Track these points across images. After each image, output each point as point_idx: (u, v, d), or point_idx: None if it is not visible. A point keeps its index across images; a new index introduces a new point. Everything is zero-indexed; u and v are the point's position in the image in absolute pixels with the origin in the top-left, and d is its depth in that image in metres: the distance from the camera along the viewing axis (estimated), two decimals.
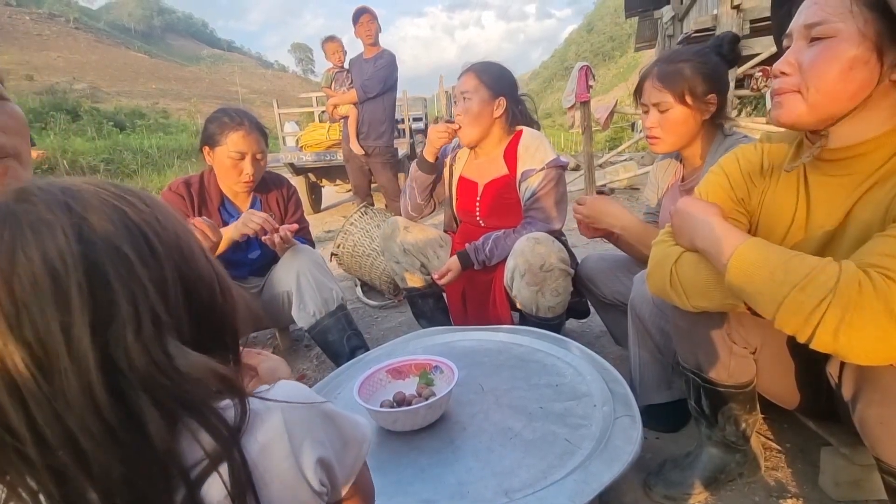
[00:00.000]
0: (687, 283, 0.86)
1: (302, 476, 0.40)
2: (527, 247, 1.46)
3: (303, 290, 1.59)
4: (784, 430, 1.19)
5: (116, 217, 0.37)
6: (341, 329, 1.63)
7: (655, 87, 1.21)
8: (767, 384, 0.99)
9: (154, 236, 0.38)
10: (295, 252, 1.63)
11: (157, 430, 0.35)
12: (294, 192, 1.88)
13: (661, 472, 1.07)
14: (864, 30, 0.68)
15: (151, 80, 45.94)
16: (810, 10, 0.72)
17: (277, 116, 5.94)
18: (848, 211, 0.77)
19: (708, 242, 0.80)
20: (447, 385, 1.04)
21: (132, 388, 0.35)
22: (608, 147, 12.15)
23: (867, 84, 0.70)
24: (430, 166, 1.73)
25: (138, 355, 0.35)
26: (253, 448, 0.38)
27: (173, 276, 0.38)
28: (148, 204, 0.41)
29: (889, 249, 0.64)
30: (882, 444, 0.72)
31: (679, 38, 6.82)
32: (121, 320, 0.35)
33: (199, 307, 0.40)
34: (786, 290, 0.66)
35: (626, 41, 70.66)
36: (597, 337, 1.86)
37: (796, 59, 0.74)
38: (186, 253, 0.41)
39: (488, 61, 1.67)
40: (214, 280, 0.43)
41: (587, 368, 1.14)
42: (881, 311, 0.61)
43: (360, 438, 0.48)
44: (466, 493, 0.82)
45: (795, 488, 1.03)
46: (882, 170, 0.73)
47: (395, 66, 3.54)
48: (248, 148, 1.60)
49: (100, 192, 0.39)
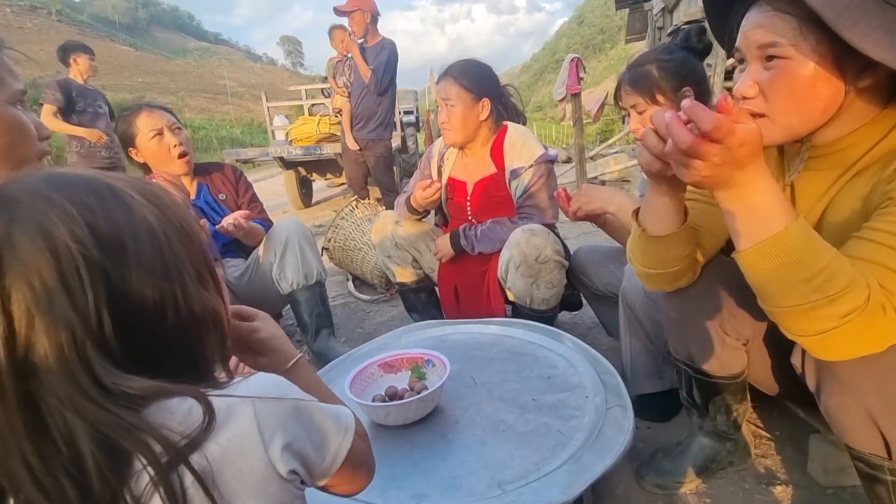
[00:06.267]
0: (634, 249, 0.89)
1: (272, 467, 0.40)
2: (522, 238, 1.45)
3: (286, 260, 1.63)
4: (773, 418, 1.20)
5: (43, 236, 0.36)
6: (313, 304, 1.70)
7: (627, 91, 1.25)
8: (752, 372, 1.00)
9: (86, 259, 0.36)
10: (284, 223, 1.67)
11: (94, 460, 0.35)
12: (241, 174, 1.89)
13: (653, 462, 1.08)
14: (817, 48, 0.66)
15: (137, 73, 45.22)
16: (758, 33, 0.70)
17: (266, 110, 5.88)
18: (829, 203, 0.77)
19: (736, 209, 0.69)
20: (439, 379, 1.04)
21: (62, 413, 0.35)
22: (599, 139, 12.18)
23: (836, 98, 0.69)
24: (418, 214, 1.74)
25: (63, 385, 0.35)
26: (215, 450, 0.38)
27: (104, 302, 0.37)
28: (110, 217, 0.39)
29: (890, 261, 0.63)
30: (848, 432, 0.73)
31: (669, 29, 6.82)
32: (41, 352, 0.35)
33: (146, 331, 0.39)
34: (817, 296, 0.61)
35: (617, 33, 70.67)
36: (589, 328, 1.87)
37: (755, 80, 0.72)
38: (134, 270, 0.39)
39: (466, 61, 1.64)
40: (174, 303, 0.41)
41: (579, 360, 1.15)
42: (880, 335, 0.62)
43: (343, 429, 0.48)
44: (459, 486, 0.82)
45: (785, 475, 1.04)
46: (860, 162, 0.73)
47: (397, 56, 3.47)
48: (158, 122, 1.63)
49: (42, 197, 0.37)
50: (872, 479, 0.73)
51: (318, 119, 5.19)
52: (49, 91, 3.28)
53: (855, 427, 0.72)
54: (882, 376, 0.67)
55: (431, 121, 7.86)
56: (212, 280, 0.46)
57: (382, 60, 3.38)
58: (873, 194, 0.70)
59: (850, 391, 0.70)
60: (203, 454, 0.37)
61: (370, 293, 2.53)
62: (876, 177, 0.70)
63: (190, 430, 0.37)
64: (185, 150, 1.67)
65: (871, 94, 0.69)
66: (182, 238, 0.43)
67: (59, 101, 3.29)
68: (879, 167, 0.70)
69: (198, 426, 0.37)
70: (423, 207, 1.67)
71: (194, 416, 0.38)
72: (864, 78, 0.67)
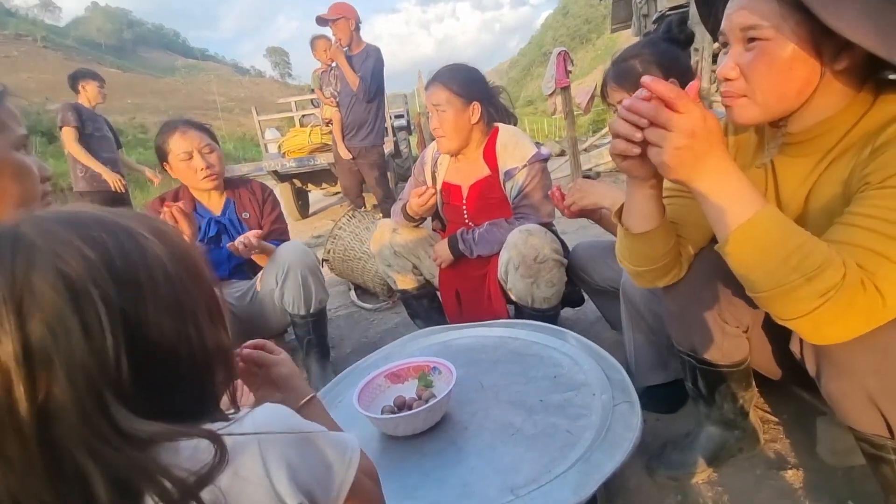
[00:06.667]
0: (622, 248, 0.92)
1: (279, 499, 0.40)
2: (520, 239, 1.46)
3: (286, 286, 1.63)
4: (780, 402, 1.21)
5: (63, 280, 0.36)
6: (305, 332, 1.71)
7: (613, 87, 1.26)
8: (756, 358, 1.00)
9: (103, 298, 0.36)
10: (286, 249, 1.65)
11: (108, 500, 0.35)
12: (270, 193, 1.90)
13: (663, 455, 1.09)
14: (797, 30, 0.68)
15: (126, 94, 45.20)
16: (741, 15, 0.72)
17: (258, 124, 5.88)
18: (810, 189, 0.78)
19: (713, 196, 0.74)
20: (446, 386, 1.04)
21: (76, 457, 0.35)
22: (591, 130, 12.17)
23: (811, 79, 0.71)
24: (415, 221, 1.73)
25: (79, 429, 0.35)
26: (223, 485, 0.38)
27: (122, 345, 0.37)
28: (119, 257, 0.39)
29: (873, 244, 0.64)
30: (850, 415, 0.74)
31: (654, 16, 6.82)
32: (60, 398, 0.35)
33: (161, 375, 0.39)
34: (794, 276, 0.64)
35: (602, 23, 70.62)
36: (592, 323, 1.87)
37: (737, 62, 0.74)
38: (150, 311, 0.39)
39: (453, 66, 1.65)
40: (187, 342, 0.41)
41: (584, 357, 1.15)
42: (865, 314, 0.63)
43: (348, 458, 0.48)
44: (472, 493, 0.83)
45: (795, 459, 1.05)
46: (837, 147, 0.74)
47: (383, 62, 3.48)
48: (190, 145, 1.67)
49: (60, 240, 0.37)
50: (877, 460, 0.74)
51: (309, 130, 5.20)
52: (67, 113, 3.31)
53: (856, 409, 0.73)
54: (878, 358, 0.67)
55: (423, 123, 7.86)
56: (220, 316, 0.46)
57: (369, 67, 3.39)
58: (852, 178, 0.71)
59: (849, 374, 0.71)
60: (214, 489, 0.38)
61: (373, 302, 2.54)
62: (853, 161, 0.71)
63: (198, 466, 0.38)
64: (213, 173, 1.71)
65: (846, 77, 0.71)
66: (193, 276, 0.43)
67: (78, 124, 3.33)
68: (856, 151, 0.71)
69: (209, 463, 0.37)
70: (420, 214, 1.67)
71: (202, 453, 0.38)
72: (840, 61, 0.69)
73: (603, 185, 1.40)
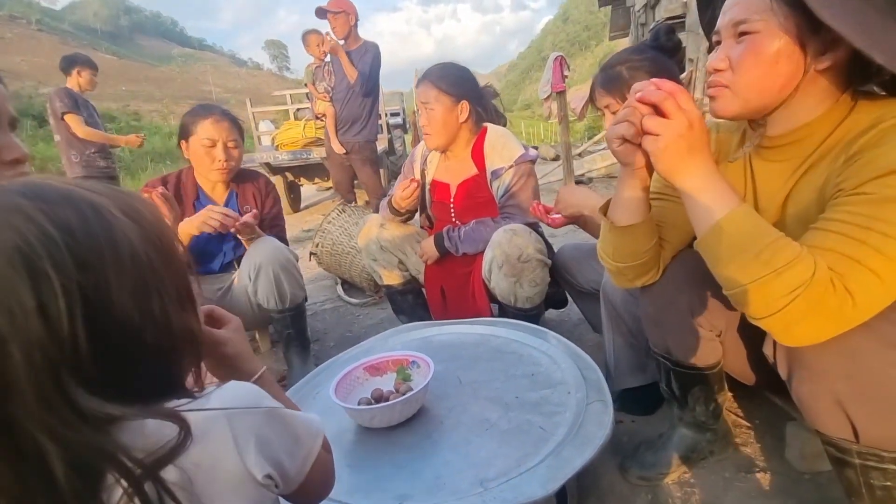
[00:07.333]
0: (605, 244, 0.95)
1: (249, 474, 0.41)
2: (504, 238, 1.47)
3: (258, 283, 1.62)
4: (752, 407, 1.23)
5: (21, 257, 0.35)
6: (283, 326, 1.71)
7: (601, 93, 1.27)
8: (730, 363, 1.02)
9: (59, 271, 0.35)
10: (259, 246, 1.63)
11: (67, 481, 0.35)
12: (273, 188, 1.89)
13: (636, 455, 1.10)
14: (785, 25, 0.71)
15: (121, 81, 44.68)
16: (734, 10, 0.76)
17: (251, 115, 5.84)
18: (787, 194, 0.80)
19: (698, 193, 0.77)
20: (424, 380, 1.05)
21: (35, 437, 0.35)
22: (586, 136, 12.25)
23: (794, 76, 0.73)
24: (401, 216, 1.74)
25: (36, 409, 0.34)
26: (192, 462, 0.38)
27: (79, 324, 0.36)
28: (86, 232, 0.38)
29: (844, 248, 0.65)
30: (818, 418, 0.75)
31: (651, 25, 6.88)
32: (15, 377, 0.34)
33: (119, 354, 0.39)
34: (765, 271, 0.65)
35: (602, 30, 71.05)
36: (575, 325, 1.89)
37: (727, 55, 0.77)
38: (106, 292, 0.38)
39: (444, 64, 1.66)
40: (146, 325, 0.40)
41: (562, 357, 1.16)
42: (835, 315, 0.64)
43: (314, 434, 0.49)
44: (443, 485, 0.83)
45: (763, 462, 1.07)
46: (815, 154, 0.76)
47: (381, 58, 3.48)
48: (218, 135, 1.64)
49: (21, 214, 0.36)
50: (842, 463, 0.75)
51: (303, 123, 5.17)
52: (66, 99, 3.27)
53: (824, 413, 0.74)
54: (848, 362, 0.69)
55: (418, 122, 7.86)
56: (190, 301, 0.46)
57: (367, 62, 3.39)
58: (826, 186, 0.73)
59: (819, 378, 0.72)
60: (180, 467, 0.38)
61: (359, 296, 2.54)
62: (829, 168, 0.73)
63: (164, 442, 0.38)
64: (228, 168, 1.68)
65: (827, 79, 0.74)
66: (163, 257, 0.42)
67: (76, 110, 3.31)
68: (832, 159, 0.73)
69: (172, 441, 0.37)
70: (404, 208, 1.68)
71: (166, 431, 0.38)
72: (823, 60, 0.72)
73: (584, 192, 1.42)
